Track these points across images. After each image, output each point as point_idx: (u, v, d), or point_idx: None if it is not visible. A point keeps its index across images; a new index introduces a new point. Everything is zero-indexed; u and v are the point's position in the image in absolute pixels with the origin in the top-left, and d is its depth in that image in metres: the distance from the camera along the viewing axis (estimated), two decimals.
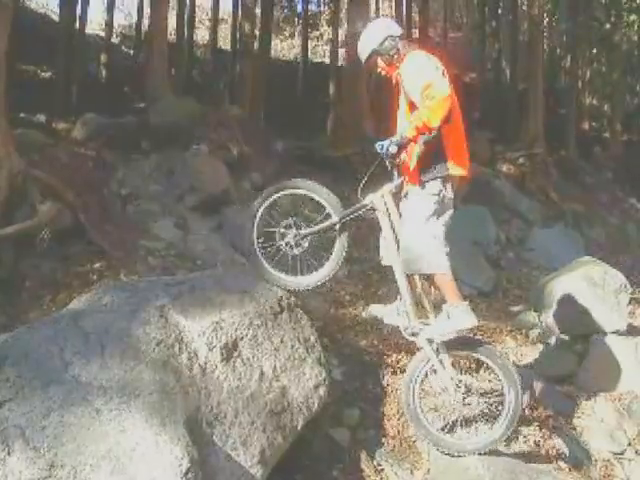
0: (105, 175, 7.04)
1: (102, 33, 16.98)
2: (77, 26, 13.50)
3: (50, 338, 2.42)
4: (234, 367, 2.62)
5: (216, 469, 2.28)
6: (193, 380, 2.46)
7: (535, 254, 8.86)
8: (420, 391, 3.08)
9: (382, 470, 3.04)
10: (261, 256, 3.24)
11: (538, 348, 4.48)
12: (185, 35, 16.53)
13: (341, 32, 17.11)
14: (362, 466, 3.02)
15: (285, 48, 24.19)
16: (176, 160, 7.53)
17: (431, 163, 2.92)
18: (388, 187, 3.04)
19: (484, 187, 9.82)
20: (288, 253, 3.15)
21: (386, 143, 2.85)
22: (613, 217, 12.35)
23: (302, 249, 3.14)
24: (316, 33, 24.52)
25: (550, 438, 3.45)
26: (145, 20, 15.93)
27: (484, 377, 3.10)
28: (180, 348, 2.53)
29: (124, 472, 2.01)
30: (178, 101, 9.43)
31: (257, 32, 13.17)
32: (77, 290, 4.46)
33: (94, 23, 18.86)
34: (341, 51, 16.31)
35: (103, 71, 14.33)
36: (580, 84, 18.09)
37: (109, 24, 16.02)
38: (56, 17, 14.69)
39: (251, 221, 3.23)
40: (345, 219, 3.11)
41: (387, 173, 3.02)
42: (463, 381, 3.00)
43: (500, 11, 19.69)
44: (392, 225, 3.04)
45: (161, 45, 9.84)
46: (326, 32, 23.36)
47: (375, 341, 4.11)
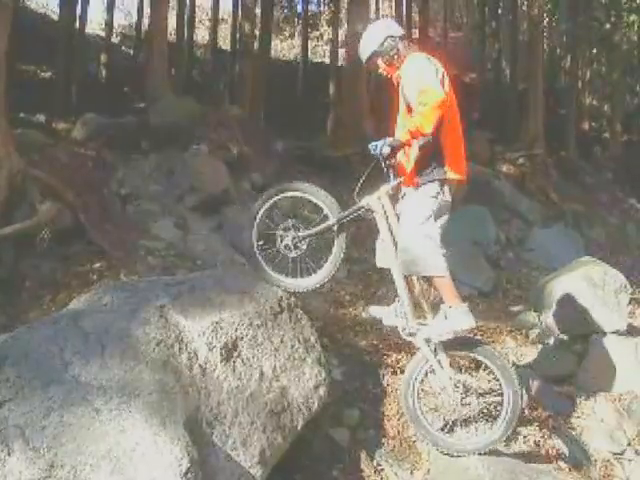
0: (105, 175, 7.05)
1: (102, 33, 16.99)
2: (77, 26, 13.52)
3: (50, 338, 2.42)
4: (234, 367, 2.62)
5: (216, 469, 2.28)
6: (193, 380, 2.46)
7: (535, 254, 8.86)
8: (420, 391, 3.08)
9: (382, 470, 3.04)
10: (261, 258, 3.26)
11: (538, 348, 4.48)
12: (185, 35, 16.54)
13: (341, 32, 17.13)
14: (362, 466, 3.02)
15: (285, 48, 24.20)
16: (176, 160, 7.54)
17: (428, 165, 2.93)
18: (385, 188, 3.04)
19: (484, 187, 9.82)
20: (287, 255, 3.16)
21: (380, 144, 2.85)
22: (613, 217, 12.35)
23: (301, 251, 3.15)
24: (316, 33, 24.53)
25: (550, 438, 3.45)
26: (145, 20, 15.94)
27: (483, 377, 3.10)
28: (180, 348, 2.53)
29: (124, 472, 2.02)
30: (178, 101, 9.43)
31: (257, 32, 13.18)
32: (77, 290, 4.46)
33: (94, 23, 18.88)
34: (341, 51, 16.32)
35: (103, 71, 14.34)
36: (580, 84, 18.10)
37: (109, 24, 16.04)
38: (56, 17, 14.69)
39: (251, 223, 3.25)
40: (342, 221, 3.11)
41: (384, 174, 3.02)
42: (462, 381, 2.99)
43: (500, 11, 19.71)
44: (389, 227, 3.04)
45: (161, 45, 9.85)
46: (326, 32, 23.38)
47: (375, 341, 4.11)
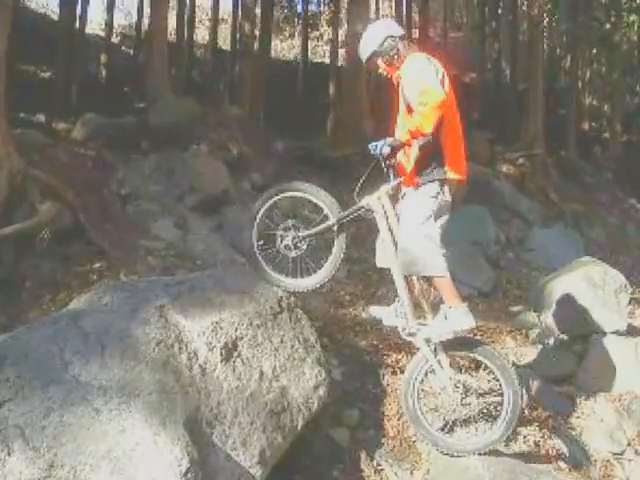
0: (105, 175, 7.05)
1: (102, 33, 16.99)
2: (77, 26, 13.51)
3: (50, 338, 2.42)
4: (234, 367, 2.62)
5: (216, 469, 2.28)
6: (193, 380, 2.46)
7: (535, 254, 8.86)
8: (420, 391, 3.08)
9: (382, 470, 3.03)
10: (261, 258, 3.26)
11: (538, 348, 4.47)
12: (185, 35, 16.55)
13: (341, 32, 17.13)
14: (362, 466, 3.02)
15: (285, 48, 24.20)
16: (176, 160, 7.54)
17: (428, 165, 2.93)
18: (385, 188, 3.04)
19: (484, 187, 9.83)
20: (287, 255, 3.17)
21: (380, 144, 2.86)
22: (613, 217, 12.35)
23: (301, 251, 3.15)
24: (316, 33, 24.54)
25: (550, 438, 3.45)
26: (145, 20, 15.94)
27: (483, 377, 3.10)
28: (180, 348, 2.53)
29: (124, 472, 2.01)
30: (178, 101, 9.43)
31: (257, 32, 13.18)
32: (77, 290, 4.46)
33: (94, 23, 18.88)
34: (341, 51, 16.32)
35: (103, 71, 14.34)
36: (580, 84, 18.10)
37: (109, 24, 16.04)
38: (56, 17, 14.69)
39: (251, 223, 3.26)
40: (342, 221, 3.11)
41: (384, 174, 3.02)
42: (462, 381, 2.99)
43: (500, 11, 19.72)
44: (389, 227, 3.04)
45: (161, 45, 9.85)
46: (326, 32, 23.39)
47: (375, 341, 4.11)
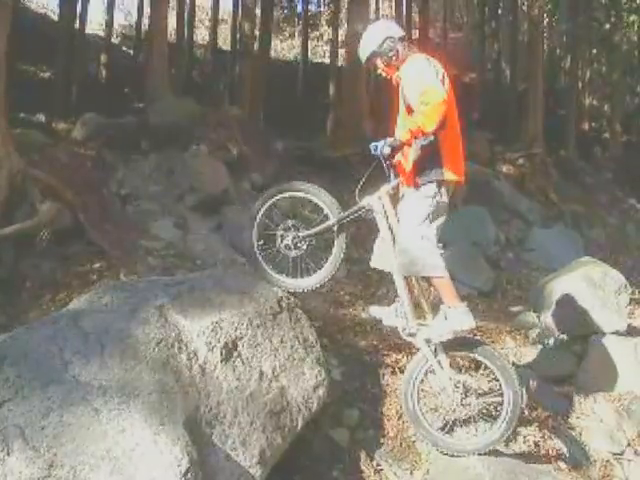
0: (105, 175, 7.06)
1: (102, 33, 16.99)
2: (77, 26, 13.52)
3: (49, 338, 2.42)
4: (233, 367, 2.62)
5: (216, 469, 2.28)
6: (192, 380, 2.46)
7: (535, 254, 8.86)
8: (420, 391, 3.08)
9: (381, 470, 3.03)
10: (261, 258, 3.27)
11: (537, 349, 4.47)
12: (185, 35, 16.56)
13: (341, 32, 17.13)
14: (361, 466, 3.02)
15: (285, 48, 24.20)
16: (176, 160, 7.55)
17: (427, 166, 2.94)
18: (385, 188, 3.04)
19: (484, 187, 9.83)
20: (287, 255, 3.17)
21: (380, 144, 2.86)
22: (613, 218, 12.35)
23: (301, 251, 3.16)
24: (316, 33, 24.54)
25: (549, 438, 3.45)
26: (145, 20, 15.94)
27: (483, 377, 3.10)
28: (180, 348, 2.53)
29: (123, 472, 2.01)
30: (178, 101, 9.44)
31: (257, 32, 13.18)
32: (77, 290, 4.47)
33: (94, 23, 18.87)
34: (341, 51, 16.32)
35: (103, 71, 14.34)
36: (580, 84, 18.10)
37: (109, 24, 16.06)
38: (56, 17, 14.69)
39: (251, 223, 3.26)
40: (343, 221, 3.11)
41: (384, 174, 3.03)
42: (462, 381, 2.99)
43: (500, 11, 19.73)
44: (390, 227, 3.04)
45: (161, 45, 9.86)
46: (326, 32, 23.39)
47: (375, 341, 4.11)
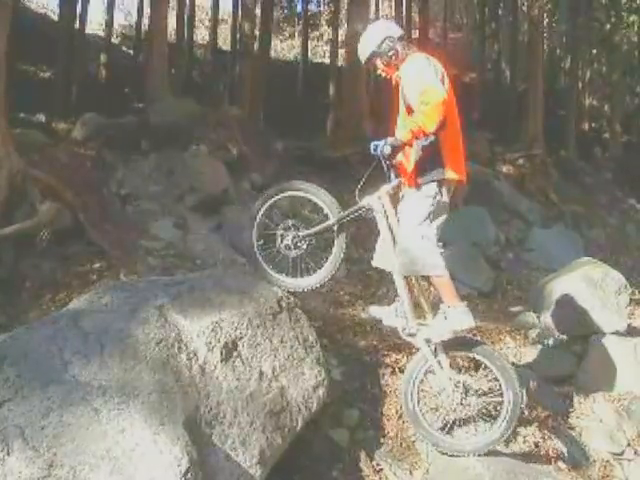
0: (105, 175, 7.06)
1: (102, 33, 16.99)
2: (77, 26, 13.52)
3: (49, 338, 2.42)
4: (233, 367, 2.62)
5: (215, 469, 2.28)
6: (192, 380, 2.46)
7: (535, 255, 8.86)
8: (419, 391, 3.08)
9: (381, 470, 3.03)
10: (261, 258, 3.27)
11: (537, 349, 4.47)
12: (185, 35, 16.56)
13: (341, 32, 17.13)
14: (361, 466, 3.02)
15: (285, 48, 24.21)
16: (176, 160, 7.55)
17: (428, 166, 2.94)
18: (385, 188, 3.04)
19: (484, 188, 9.84)
20: (287, 255, 3.17)
21: (381, 144, 2.86)
22: (612, 218, 12.35)
23: (301, 251, 3.16)
24: (316, 33, 24.55)
25: (549, 438, 3.44)
26: (145, 20, 15.94)
27: (483, 377, 3.10)
28: (179, 348, 2.53)
29: (123, 472, 2.01)
30: (178, 101, 9.45)
31: (257, 32, 13.19)
32: (77, 290, 4.47)
33: (94, 23, 18.88)
34: (341, 51, 16.32)
35: (103, 71, 14.34)
36: (580, 85, 18.11)
37: (109, 24, 16.06)
38: (56, 17, 14.70)
39: (251, 223, 3.26)
40: (343, 221, 3.11)
41: (384, 174, 3.03)
42: (461, 381, 2.99)
43: (500, 12, 19.73)
44: (390, 226, 3.04)
45: (161, 45, 9.86)
46: (326, 32, 23.39)
47: (374, 341, 4.10)
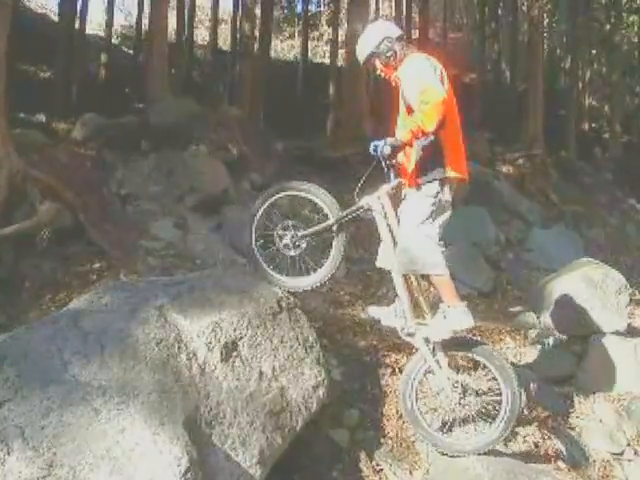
0: (105, 175, 7.06)
1: (102, 33, 16.99)
2: (77, 26, 13.52)
3: (49, 338, 2.42)
4: (233, 367, 2.63)
5: (215, 469, 2.28)
6: (192, 380, 2.46)
7: (535, 255, 8.86)
8: (418, 391, 3.08)
9: (381, 470, 3.03)
10: (260, 258, 3.27)
11: (537, 349, 4.48)
12: (185, 35, 16.56)
13: (341, 32, 17.13)
14: (361, 466, 3.02)
15: (285, 48, 24.20)
16: (176, 160, 7.55)
17: (429, 166, 2.94)
18: (385, 188, 3.04)
19: (483, 188, 9.83)
20: (287, 254, 3.17)
21: (380, 144, 2.86)
22: (613, 218, 12.35)
23: (300, 250, 3.16)
24: (316, 33, 24.54)
25: (549, 438, 3.45)
26: (145, 20, 15.93)
27: (482, 377, 3.10)
28: (179, 348, 2.53)
29: (123, 472, 2.02)
30: (178, 101, 9.45)
31: (257, 32, 13.19)
32: (77, 290, 4.47)
33: (94, 23, 18.88)
34: (341, 51, 16.32)
35: (103, 71, 14.34)
36: (580, 85, 18.11)
37: (109, 24, 16.04)
38: (56, 17, 14.69)
39: (250, 223, 3.26)
40: (342, 220, 3.11)
41: (384, 174, 3.03)
42: (460, 381, 2.98)
43: (500, 12, 19.73)
44: (389, 226, 3.04)
45: (161, 45, 9.86)
46: (326, 32, 23.38)
47: (374, 341, 4.11)
